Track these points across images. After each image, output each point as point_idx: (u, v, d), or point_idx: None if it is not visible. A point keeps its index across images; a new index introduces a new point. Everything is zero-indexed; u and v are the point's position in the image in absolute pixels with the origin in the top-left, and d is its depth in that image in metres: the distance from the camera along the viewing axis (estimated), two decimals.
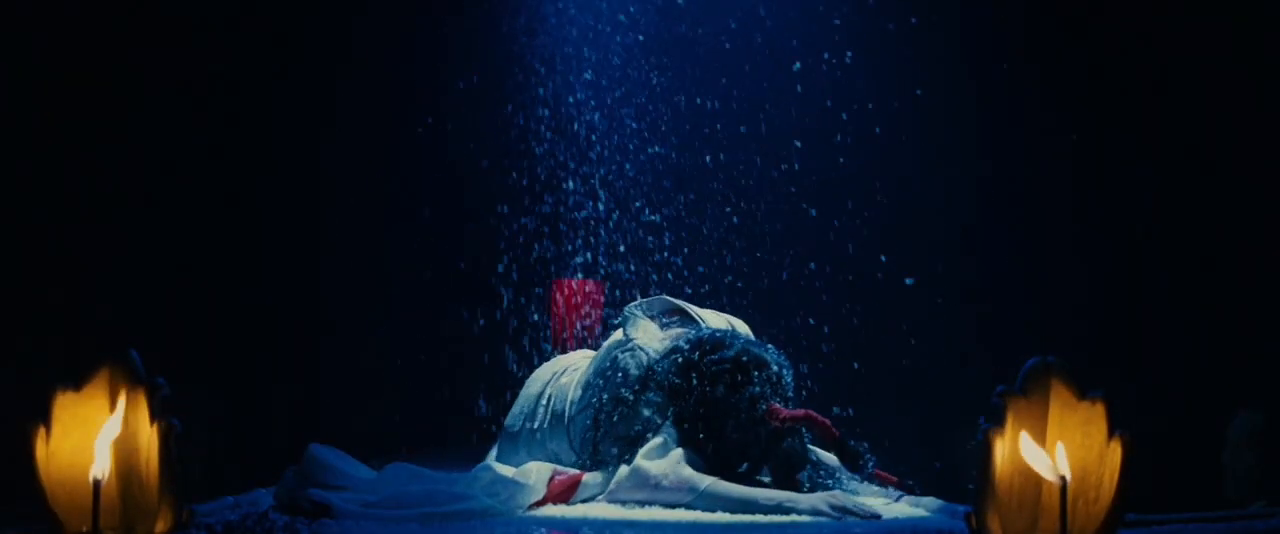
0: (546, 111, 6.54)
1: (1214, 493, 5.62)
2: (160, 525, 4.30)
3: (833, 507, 5.16)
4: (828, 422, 5.47)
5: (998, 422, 4.25)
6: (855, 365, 6.23)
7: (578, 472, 5.50)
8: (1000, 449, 4.23)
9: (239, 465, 5.80)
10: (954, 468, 5.35)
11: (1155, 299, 6.56)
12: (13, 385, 5.85)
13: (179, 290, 6.65)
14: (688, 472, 5.33)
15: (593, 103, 6.40)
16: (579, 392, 5.74)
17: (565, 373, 5.91)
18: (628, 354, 5.69)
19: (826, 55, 6.80)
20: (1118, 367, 6.28)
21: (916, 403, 6.50)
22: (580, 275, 6.55)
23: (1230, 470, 5.62)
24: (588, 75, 6.55)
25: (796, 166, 6.69)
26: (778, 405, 5.50)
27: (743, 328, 5.92)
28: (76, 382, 4.34)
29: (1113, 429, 4.25)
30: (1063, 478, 4.14)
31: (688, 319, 5.90)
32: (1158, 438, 5.67)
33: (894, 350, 6.65)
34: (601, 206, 6.48)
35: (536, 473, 5.35)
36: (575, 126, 6.43)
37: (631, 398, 5.59)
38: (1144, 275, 6.59)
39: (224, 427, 6.18)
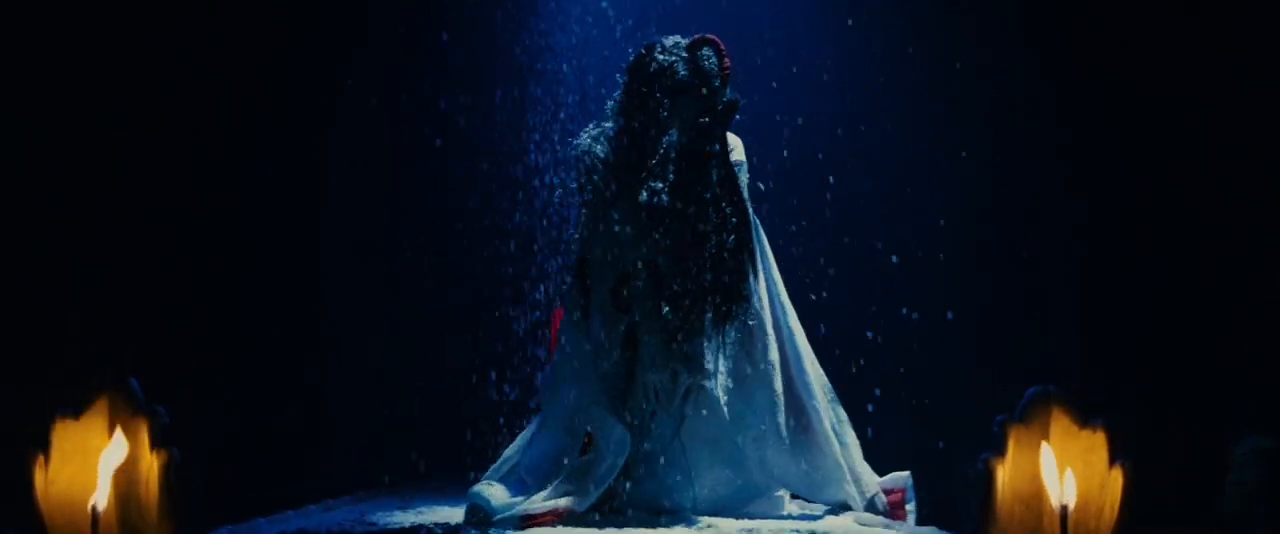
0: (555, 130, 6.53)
1: (1217, 516, 5.61)
2: None
3: None
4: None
5: (998, 450, 4.25)
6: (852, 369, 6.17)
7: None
8: (1001, 478, 4.23)
9: (239, 490, 5.80)
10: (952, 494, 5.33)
11: (1164, 319, 6.53)
12: (13, 393, 5.90)
13: (178, 316, 6.63)
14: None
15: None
16: None
17: None
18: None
19: (826, 76, 6.81)
20: (1126, 387, 6.27)
21: (915, 424, 6.48)
22: None
23: (1234, 493, 5.60)
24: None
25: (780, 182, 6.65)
26: None
27: None
28: (76, 409, 4.35)
29: (1113, 458, 4.25)
30: (1064, 506, 4.14)
31: None
32: (1163, 459, 5.68)
33: (893, 371, 6.62)
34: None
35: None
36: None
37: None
38: (1153, 295, 6.57)
39: (224, 451, 6.17)
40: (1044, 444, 4.25)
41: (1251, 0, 6.51)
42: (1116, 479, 4.23)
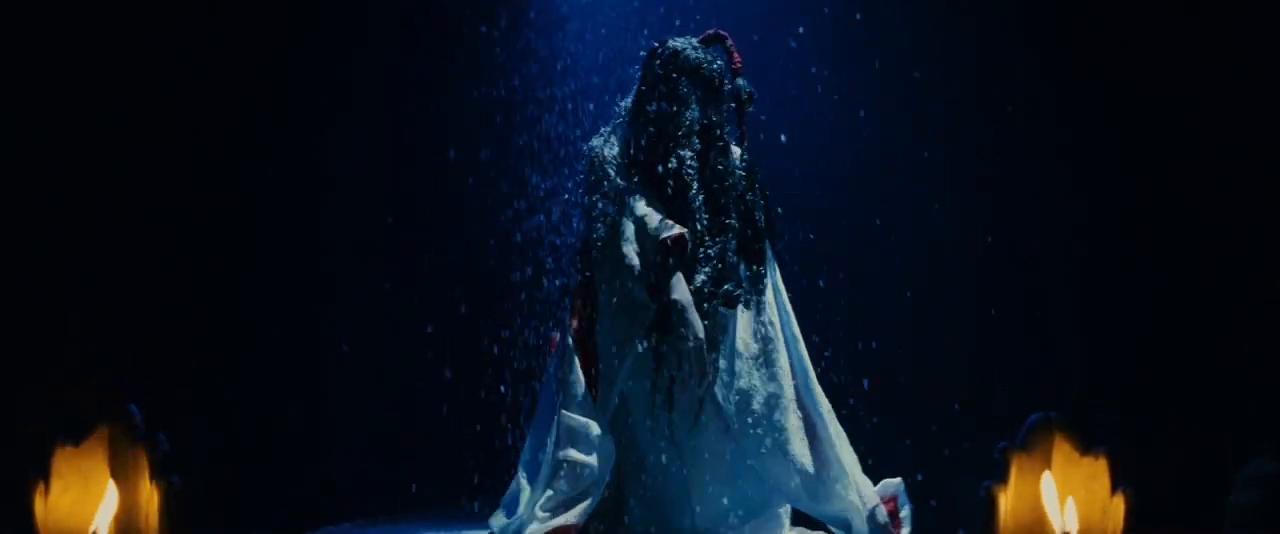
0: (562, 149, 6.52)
1: (1216, 516, 5.60)
2: None
3: None
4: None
5: (1000, 478, 4.26)
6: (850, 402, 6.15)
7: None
8: (1003, 505, 4.24)
9: (239, 493, 5.81)
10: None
11: (1164, 319, 6.53)
12: (12, 393, 5.91)
13: (178, 316, 6.62)
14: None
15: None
16: None
17: None
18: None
19: (826, 75, 6.80)
20: (1126, 387, 6.28)
21: (914, 428, 6.49)
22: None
23: (1233, 512, 5.59)
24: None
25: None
26: None
27: None
28: (76, 437, 4.34)
29: (1115, 485, 4.25)
30: None
31: None
32: (1163, 459, 5.69)
33: (892, 373, 6.62)
34: None
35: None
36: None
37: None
38: (1153, 296, 6.57)
39: (224, 452, 6.19)
40: (1046, 472, 4.25)
41: (1251, 0, 6.50)
42: (1118, 507, 4.24)
